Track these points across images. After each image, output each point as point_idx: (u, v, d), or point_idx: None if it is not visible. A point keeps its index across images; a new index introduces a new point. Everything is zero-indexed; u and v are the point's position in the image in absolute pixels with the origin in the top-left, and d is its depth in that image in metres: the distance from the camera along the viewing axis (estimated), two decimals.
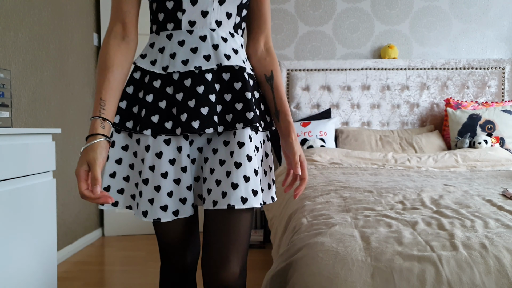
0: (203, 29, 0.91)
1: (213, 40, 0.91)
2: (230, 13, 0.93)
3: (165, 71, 0.90)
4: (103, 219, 3.08)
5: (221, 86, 0.91)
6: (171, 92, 0.90)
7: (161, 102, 0.89)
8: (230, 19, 0.93)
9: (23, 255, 1.59)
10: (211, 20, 0.91)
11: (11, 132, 1.50)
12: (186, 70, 0.89)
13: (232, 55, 0.92)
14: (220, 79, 0.91)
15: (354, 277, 0.84)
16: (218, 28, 0.92)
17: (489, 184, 1.77)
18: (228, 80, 0.91)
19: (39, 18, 2.29)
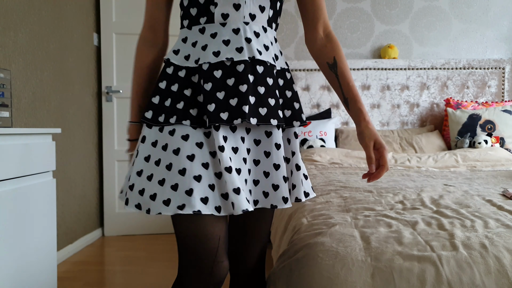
0: (236, 22, 0.89)
1: (246, 34, 0.89)
2: (263, 6, 0.91)
3: (197, 64, 0.88)
4: (103, 219, 3.08)
5: (255, 78, 0.88)
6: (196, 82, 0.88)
7: (199, 96, 0.87)
8: (263, 12, 0.92)
9: (23, 255, 1.59)
10: (244, 13, 0.89)
11: (11, 132, 1.50)
12: (216, 61, 0.86)
13: (263, 51, 0.90)
14: (255, 71, 0.88)
15: (354, 277, 0.84)
16: (252, 21, 0.90)
17: (489, 184, 1.77)
18: (261, 73, 0.89)
19: (39, 18, 2.28)
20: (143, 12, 3.04)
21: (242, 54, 0.86)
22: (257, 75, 0.88)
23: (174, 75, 0.89)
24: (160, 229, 3.14)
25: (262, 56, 0.88)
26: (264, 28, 0.92)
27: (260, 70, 0.89)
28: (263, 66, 0.89)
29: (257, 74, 0.88)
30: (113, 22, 3.02)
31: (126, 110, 3.07)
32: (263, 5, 0.91)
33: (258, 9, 0.90)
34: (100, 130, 3.08)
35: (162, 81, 0.90)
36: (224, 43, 0.88)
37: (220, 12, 0.88)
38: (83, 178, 2.81)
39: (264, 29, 0.92)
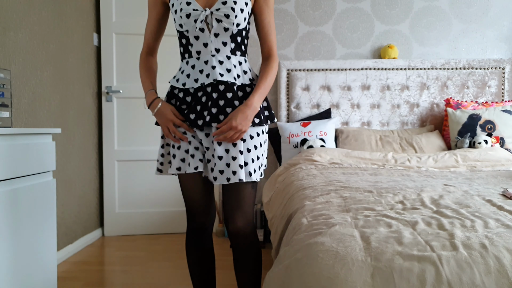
0: (206, 56, 1.29)
1: (212, 63, 1.28)
2: (225, 42, 1.29)
3: (184, 87, 1.32)
4: (103, 219, 3.08)
5: (218, 94, 1.28)
6: (189, 100, 1.33)
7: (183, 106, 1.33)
8: (226, 46, 1.29)
9: (23, 255, 1.59)
10: (211, 49, 1.29)
11: (11, 132, 1.50)
12: (197, 85, 1.30)
13: (225, 74, 1.28)
14: (217, 90, 1.28)
15: (354, 277, 0.84)
16: (217, 53, 1.29)
17: (489, 184, 1.77)
18: (222, 90, 1.28)
19: (39, 18, 2.28)
20: (143, 12, 3.04)
21: (209, 78, 1.28)
22: (219, 92, 1.28)
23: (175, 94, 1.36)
24: (160, 229, 3.15)
25: (223, 77, 1.27)
26: (228, 56, 1.30)
27: (222, 88, 1.28)
28: (224, 85, 1.28)
29: (219, 92, 1.28)
30: (113, 22, 3.02)
31: (126, 110, 3.07)
32: (225, 41, 1.29)
33: (222, 44, 1.29)
34: (100, 130, 3.08)
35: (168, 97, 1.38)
36: (200, 72, 1.30)
37: (195, 50, 1.30)
38: (83, 178, 2.81)
39: (228, 57, 1.30)
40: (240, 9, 1.27)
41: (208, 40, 1.27)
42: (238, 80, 1.30)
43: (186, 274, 2.26)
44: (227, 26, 1.26)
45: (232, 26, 1.27)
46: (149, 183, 3.12)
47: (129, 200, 3.10)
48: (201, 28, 1.26)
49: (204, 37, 1.27)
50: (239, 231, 1.33)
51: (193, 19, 1.25)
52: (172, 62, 3.09)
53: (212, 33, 1.27)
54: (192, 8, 1.25)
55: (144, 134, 3.10)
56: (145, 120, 3.09)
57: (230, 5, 1.25)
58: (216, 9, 1.25)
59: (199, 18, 1.24)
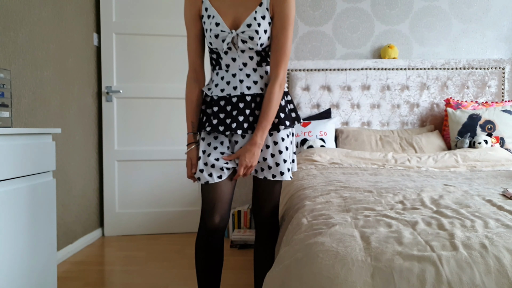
0: (234, 69, 1.42)
1: (240, 77, 1.41)
2: (251, 56, 1.41)
3: (211, 94, 1.44)
4: (103, 219, 3.08)
5: (244, 104, 1.40)
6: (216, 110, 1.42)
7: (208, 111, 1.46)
8: (252, 60, 1.41)
9: (23, 255, 1.59)
10: (239, 63, 1.41)
11: (11, 132, 1.50)
12: (221, 95, 1.42)
13: (252, 86, 1.41)
14: (244, 100, 1.40)
15: (354, 277, 0.84)
16: (245, 67, 1.41)
17: (489, 184, 1.77)
18: (249, 101, 1.40)
19: (39, 18, 2.28)
20: (143, 12, 3.04)
21: (236, 91, 1.41)
22: (245, 103, 1.40)
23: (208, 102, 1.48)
24: (160, 229, 3.15)
25: (250, 91, 1.40)
26: (254, 69, 1.42)
27: (248, 99, 1.40)
28: (250, 97, 1.40)
29: (246, 102, 1.40)
30: (113, 22, 3.02)
31: (126, 110, 3.07)
32: (251, 56, 1.41)
33: (248, 58, 1.41)
34: (100, 130, 3.08)
35: (203, 105, 1.49)
36: (227, 84, 1.42)
37: (224, 63, 1.43)
38: (83, 178, 2.81)
39: (254, 69, 1.42)
40: (264, 30, 1.36)
41: (236, 55, 1.40)
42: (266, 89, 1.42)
43: (186, 274, 2.26)
44: (251, 46, 1.37)
45: (257, 46, 1.38)
46: (149, 183, 3.12)
47: (129, 200, 3.10)
48: (228, 47, 1.39)
49: (232, 53, 1.40)
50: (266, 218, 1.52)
51: (221, 39, 1.37)
52: (175, 62, 3.10)
53: (239, 50, 1.39)
54: (220, 29, 1.36)
55: (144, 134, 3.10)
56: (145, 120, 3.09)
57: (254, 28, 1.35)
58: (242, 31, 1.35)
59: (226, 40, 1.36)
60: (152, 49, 3.08)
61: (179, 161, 3.15)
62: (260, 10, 1.36)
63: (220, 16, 1.38)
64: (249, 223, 2.99)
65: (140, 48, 3.06)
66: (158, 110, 3.11)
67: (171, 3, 3.08)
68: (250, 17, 1.35)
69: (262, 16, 1.36)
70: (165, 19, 3.07)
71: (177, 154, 3.14)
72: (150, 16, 3.06)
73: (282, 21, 1.37)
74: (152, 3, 3.06)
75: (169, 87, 3.10)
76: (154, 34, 3.06)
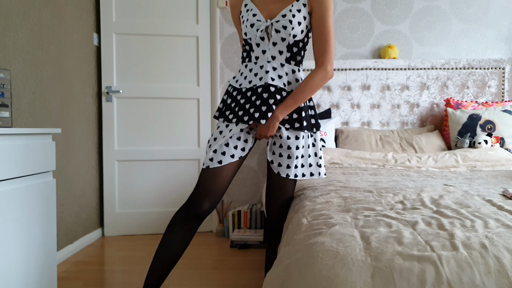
0: (262, 61, 1.46)
1: (266, 68, 1.44)
2: (281, 51, 1.44)
3: (239, 86, 1.49)
4: (103, 219, 3.08)
5: (268, 95, 1.42)
6: (239, 99, 1.47)
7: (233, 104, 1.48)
8: (281, 55, 1.45)
9: (23, 255, 1.59)
10: (267, 56, 1.45)
11: (11, 132, 1.50)
12: (249, 86, 1.46)
13: (276, 79, 1.44)
14: (268, 91, 1.42)
15: (354, 277, 0.84)
16: (273, 60, 1.45)
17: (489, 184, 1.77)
18: (273, 92, 1.42)
19: (39, 18, 2.28)
20: (143, 12, 3.04)
21: (261, 81, 1.44)
22: (269, 93, 1.42)
23: (230, 93, 1.52)
24: (160, 229, 3.15)
25: (274, 82, 1.43)
26: (282, 64, 1.45)
27: (272, 89, 1.42)
28: (274, 88, 1.43)
29: (270, 92, 1.42)
30: (113, 22, 3.02)
31: (126, 110, 3.07)
32: (282, 50, 1.44)
33: (278, 52, 1.45)
34: (100, 130, 3.08)
35: (225, 95, 1.54)
36: (254, 75, 1.47)
37: (254, 56, 1.48)
38: (83, 178, 2.81)
39: (282, 64, 1.45)
40: (298, 22, 1.41)
41: (267, 48, 1.44)
42: (288, 86, 1.45)
43: (186, 274, 2.26)
44: (284, 36, 1.41)
45: (289, 37, 1.41)
46: (149, 183, 3.12)
47: (129, 200, 3.10)
48: (261, 36, 1.44)
49: (263, 45, 1.45)
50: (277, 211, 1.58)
51: (256, 28, 1.43)
52: (175, 62, 3.10)
53: (270, 42, 1.43)
54: (256, 19, 1.43)
55: (144, 134, 3.10)
56: (145, 120, 3.09)
57: (288, 18, 1.40)
58: (276, 20, 1.41)
59: (260, 28, 1.42)
60: (152, 49, 3.08)
61: (179, 161, 3.15)
62: (297, 4, 1.42)
63: (257, 9, 1.46)
64: (249, 223, 2.99)
65: (140, 48, 3.06)
66: (158, 110, 3.10)
67: (171, 3, 3.08)
68: (286, 9, 1.42)
69: (298, 9, 1.41)
70: (165, 19, 3.07)
71: (177, 154, 3.14)
72: (150, 16, 3.06)
73: (321, 14, 1.41)
74: (152, 3, 3.06)
75: (169, 87, 3.10)
76: (154, 34, 3.06)
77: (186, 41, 3.10)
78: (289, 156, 1.47)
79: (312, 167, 1.55)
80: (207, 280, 2.16)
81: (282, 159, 1.48)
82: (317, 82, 1.41)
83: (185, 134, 3.14)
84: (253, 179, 3.25)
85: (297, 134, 1.47)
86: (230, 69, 3.22)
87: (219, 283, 2.13)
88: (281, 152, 1.48)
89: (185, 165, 3.16)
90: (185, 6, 3.10)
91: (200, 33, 3.11)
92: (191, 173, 3.18)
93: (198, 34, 3.11)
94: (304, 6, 1.42)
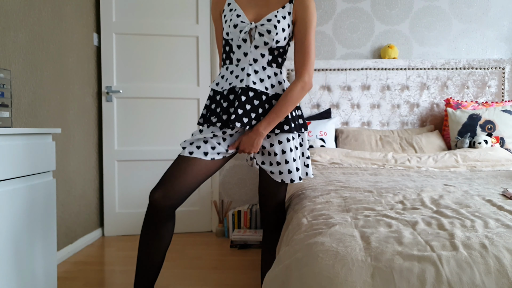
0: (244, 64, 1.44)
1: (248, 71, 1.42)
2: (263, 54, 1.43)
3: (220, 89, 1.47)
4: (103, 219, 3.08)
5: (246, 98, 1.41)
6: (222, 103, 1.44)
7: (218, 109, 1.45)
8: (263, 58, 1.44)
9: (23, 255, 1.59)
10: (249, 58, 1.43)
11: (11, 132, 1.50)
12: (229, 87, 1.44)
13: (258, 82, 1.42)
14: (246, 95, 1.41)
15: (354, 277, 0.84)
16: (255, 63, 1.43)
17: (489, 184, 1.77)
18: (251, 96, 1.42)
19: (39, 18, 2.28)
20: (143, 12, 3.04)
21: (242, 83, 1.42)
22: (247, 97, 1.41)
23: (212, 97, 1.50)
24: None
25: (255, 86, 1.41)
26: (264, 67, 1.44)
27: (251, 94, 1.42)
28: (254, 92, 1.42)
29: (248, 97, 1.41)
30: (113, 22, 3.02)
31: (126, 110, 3.07)
32: (263, 53, 1.43)
33: (260, 55, 1.43)
34: (100, 130, 3.08)
35: (208, 100, 1.52)
36: (235, 77, 1.44)
37: (235, 57, 1.45)
38: (83, 178, 2.81)
39: (264, 68, 1.44)
40: (282, 28, 1.41)
41: (248, 50, 1.43)
42: (271, 90, 1.44)
43: (186, 274, 2.26)
44: (267, 40, 1.41)
45: (272, 42, 1.41)
46: (149, 183, 3.12)
47: (129, 200, 3.10)
48: (244, 38, 1.43)
49: (245, 47, 1.43)
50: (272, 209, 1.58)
51: (239, 29, 1.42)
52: (175, 62, 3.10)
53: (253, 45, 1.42)
54: (240, 20, 1.42)
55: (144, 134, 3.10)
56: (145, 120, 3.09)
57: (273, 23, 1.40)
58: (261, 24, 1.40)
59: (244, 30, 1.41)
60: (152, 49, 3.08)
61: None
62: (282, 11, 1.42)
63: (242, 10, 1.44)
64: (249, 223, 2.99)
65: (140, 48, 3.06)
66: (158, 110, 3.10)
67: (171, 3, 3.08)
68: (271, 14, 1.42)
69: (283, 16, 1.42)
70: (165, 19, 3.07)
71: (177, 154, 3.14)
72: (150, 16, 3.06)
73: (305, 25, 1.42)
74: (152, 3, 3.06)
75: (169, 87, 3.10)
76: (154, 34, 3.06)
77: (186, 41, 3.10)
78: (286, 161, 1.44)
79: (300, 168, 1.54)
80: (207, 280, 2.16)
81: (281, 166, 1.45)
82: (296, 94, 1.40)
83: (185, 134, 3.14)
84: (253, 179, 3.25)
85: (287, 136, 1.45)
86: None
87: (219, 283, 2.13)
88: (277, 160, 1.45)
89: None
90: (185, 6, 3.10)
91: (200, 33, 3.11)
92: None
93: (198, 34, 3.11)
94: (289, 14, 1.43)
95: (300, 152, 1.53)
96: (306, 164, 1.55)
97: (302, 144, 1.54)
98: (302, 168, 1.54)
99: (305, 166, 1.55)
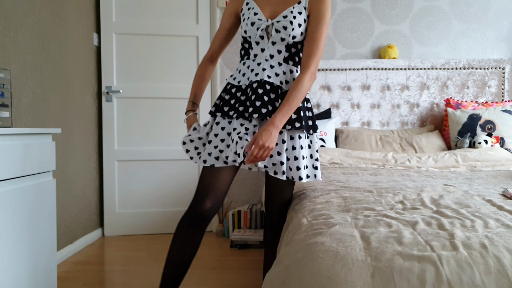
0: (260, 59, 1.48)
1: (263, 66, 1.46)
2: (280, 50, 1.47)
3: (238, 84, 1.50)
4: (103, 219, 3.08)
5: (263, 91, 1.43)
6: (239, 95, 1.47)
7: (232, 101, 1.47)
8: (280, 54, 1.47)
9: (23, 255, 1.59)
10: (266, 54, 1.47)
11: (11, 132, 1.50)
12: (247, 82, 1.47)
13: (273, 76, 1.45)
14: (263, 87, 1.44)
15: (354, 277, 0.84)
16: (271, 59, 1.47)
17: (489, 184, 1.77)
18: (268, 89, 1.44)
19: (39, 18, 2.28)
20: (143, 12, 3.04)
21: (257, 77, 1.45)
22: (265, 90, 1.43)
23: (228, 90, 1.52)
24: (160, 229, 3.15)
25: (270, 79, 1.44)
26: (280, 63, 1.47)
27: (268, 87, 1.44)
28: (270, 86, 1.44)
29: (265, 89, 1.44)
30: (113, 22, 3.02)
31: (126, 110, 3.07)
32: (280, 49, 1.47)
33: (276, 52, 1.47)
34: (100, 130, 3.08)
35: (223, 92, 1.54)
36: (251, 71, 1.48)
37: (253, 53, 1.50)
38: (83, 178, 2.81)
39: (279, 64, 1.47)
40: (298, 24, 1.44)
41: (266, 46, 1.47)
42: (286, 85, 1.47)
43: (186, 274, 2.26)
44: (283, 36, 1.44)
45: (289, 37, 1.44)
46: (149, 183, 3.12)
47: (129, 200, 3.10)
48: (261, 35, 1.46)
49: (262, 44, 1.47)
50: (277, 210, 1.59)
51: (256, 27, 1.46)
52: (175, 62, 3.10)
53: (270, 41, 1.46)
54: (257, 18, 1.46)
55: (144, 134, 3.10)
56: (145, 120, 3.09)
57: (289, 19, 1.43)
58: (277, 21, 1.44)
59: (261, 27, 1.45)
60: (152, 49, 3.08)
61: (179, 161, 3.15)
62: (298, 7, 1.45)
63: (259, 8, 1.48)
64: (249, 223, 2.99)
65: (140, 48, 3.06)
66: (158, 110, 3.10)
67: (171, 3, 3.08)
68: (287, 10, 1.45)
69: (298, 11, 1.44)
70: (165, 19, 3.07)
71: (177, 154, 3.14)
72: (150, 16, 3.06)
73: (317, 19, 1.44)
74: (152, 3, 3.06)
75: (169, 87, 3.10)
76: (154, 34, 3.06)
77: (186, 41, 3.11)
78: (295, 157, 1.45)
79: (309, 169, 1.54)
80: (207, 280, 2.16)
81: (291, 162, 1.45)
82: (306, 84, 1.40)
83: (185, 134, 3.14)
84: (253, 179, 3.25)
85: (299, 134, 1.46)
86: (230, 69, 3.22)
87: (219, 283, 2.13)
88: (287, 156, 1.45)
89: (185, 165, 3.16)
90: (185, 6, 3.10)
91: (200, 33, 3.11)
92: (191, 173, 3.18)
93: (198, 34, 3.11)
94: (305, 9, 1.46)
95: (308, 153, 1.53)
96: (314, 166, 1.55)
97: (310, 146, 1.54)
98: (310, 169, 1.54)
99: (314, 168, 1.54)
